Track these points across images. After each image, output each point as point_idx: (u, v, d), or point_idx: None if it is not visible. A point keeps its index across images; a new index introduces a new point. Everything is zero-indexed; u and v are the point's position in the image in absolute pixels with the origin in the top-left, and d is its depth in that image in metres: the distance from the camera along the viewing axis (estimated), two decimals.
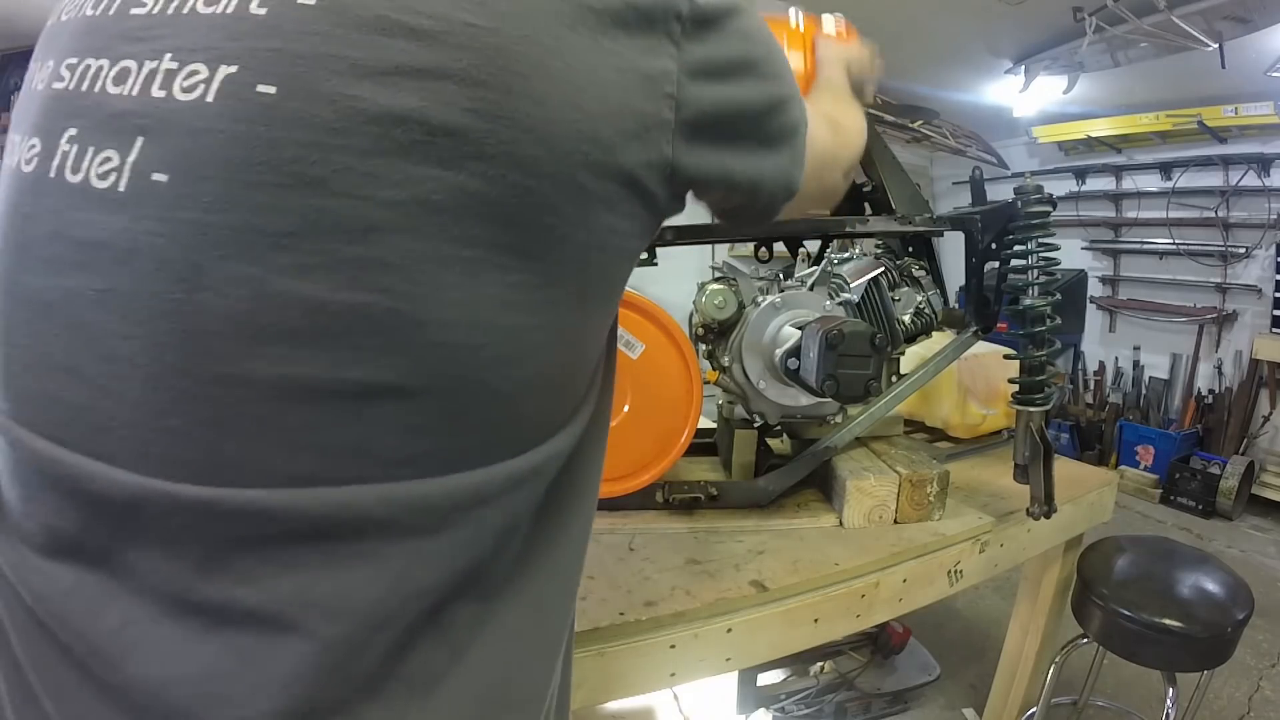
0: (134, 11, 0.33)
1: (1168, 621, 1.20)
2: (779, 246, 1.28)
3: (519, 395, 0.36)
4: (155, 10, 0.32)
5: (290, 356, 0.30)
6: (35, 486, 0.34)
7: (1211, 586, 1.27)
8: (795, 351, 0.94)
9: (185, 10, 0.32)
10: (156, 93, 0.30)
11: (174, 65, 0.31)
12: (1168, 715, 1.30)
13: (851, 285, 1.14)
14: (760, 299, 1.05)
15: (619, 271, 0.41)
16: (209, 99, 0.30)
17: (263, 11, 0.30)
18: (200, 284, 0.29)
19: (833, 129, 0.57)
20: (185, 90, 0.30)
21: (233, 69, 0.30)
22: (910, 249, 1.28)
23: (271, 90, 0.29)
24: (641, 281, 1.22)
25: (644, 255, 1.10)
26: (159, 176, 0.30)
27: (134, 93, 0.31)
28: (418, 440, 0.33)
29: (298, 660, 0.31)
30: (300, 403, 0.31)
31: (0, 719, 0.35)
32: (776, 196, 0.48)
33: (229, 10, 0.31)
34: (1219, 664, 1.25)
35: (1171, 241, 4.15)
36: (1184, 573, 1.31)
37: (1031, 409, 1.03)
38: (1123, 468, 4.11)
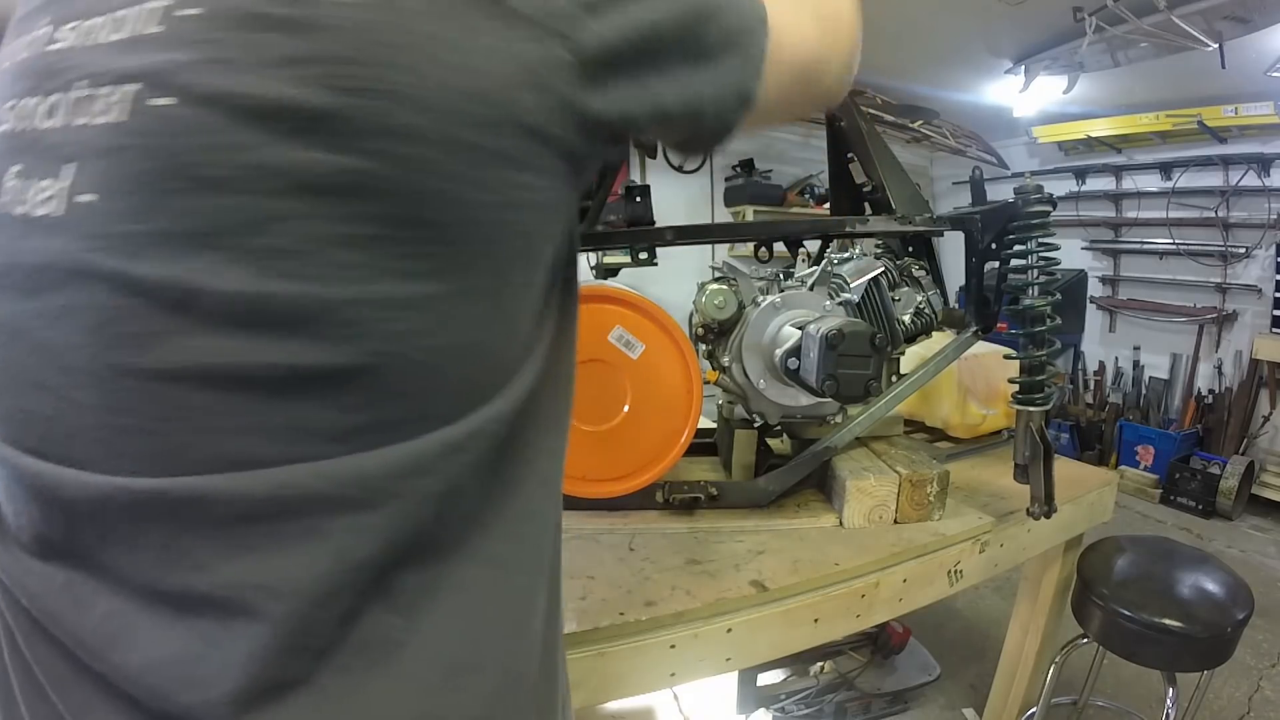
0: (52, 49, 0.36)
1: (1168, 621, 1.20)
2: (779, 246, 1.28)
3: (443, 364, 0.36)
4: (70, 45, 0.35)
5: (220, 348, 0.32)
6: (23, 500, 0.37)
7: (1211, 586, 1.27)
8: (795, 351, 0.94)
9: (93, 41, 0.34)
10: (78, 120, 0.33)
11: (88, 93, 0.33)
12: (1168, 715, 1.30)
13: (851, 285, 1.14)
14: (760, 299, 1.05)
15: (545, 226, 0.40)
16: (122, 119, 0.32)
17: (160, 29, 0.33)
18: (135, 290, 0.32)
19: (818, 20, 0.51)
20: (101, 113, 0.32)
21: (136, 87, 0.32)
22: (910, 249, 1.28)
23: (170, 101, 0.31)
24: (641, 281, 1.22)
25: (644, 255, 1.10)
26: (89, 197, 0.32)
27: (60, 124, 0.34)
28: (349, 417, 0.34)
29: (253, 641, 0.33)
30: (234, 391, 0.33)
31: (18, 715, 0.38)
32: (727, 116, 0.44)
33: (130, 34, 0.33)
34: (1219, 664, 1.25)
35: (1171, 241, 4.15)
36: (1184, 573, 1.31)
37: (1031, 409, 1.03)
38: (1123, 468, 4.11)
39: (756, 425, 1.10)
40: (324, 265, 0.32)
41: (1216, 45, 2.79)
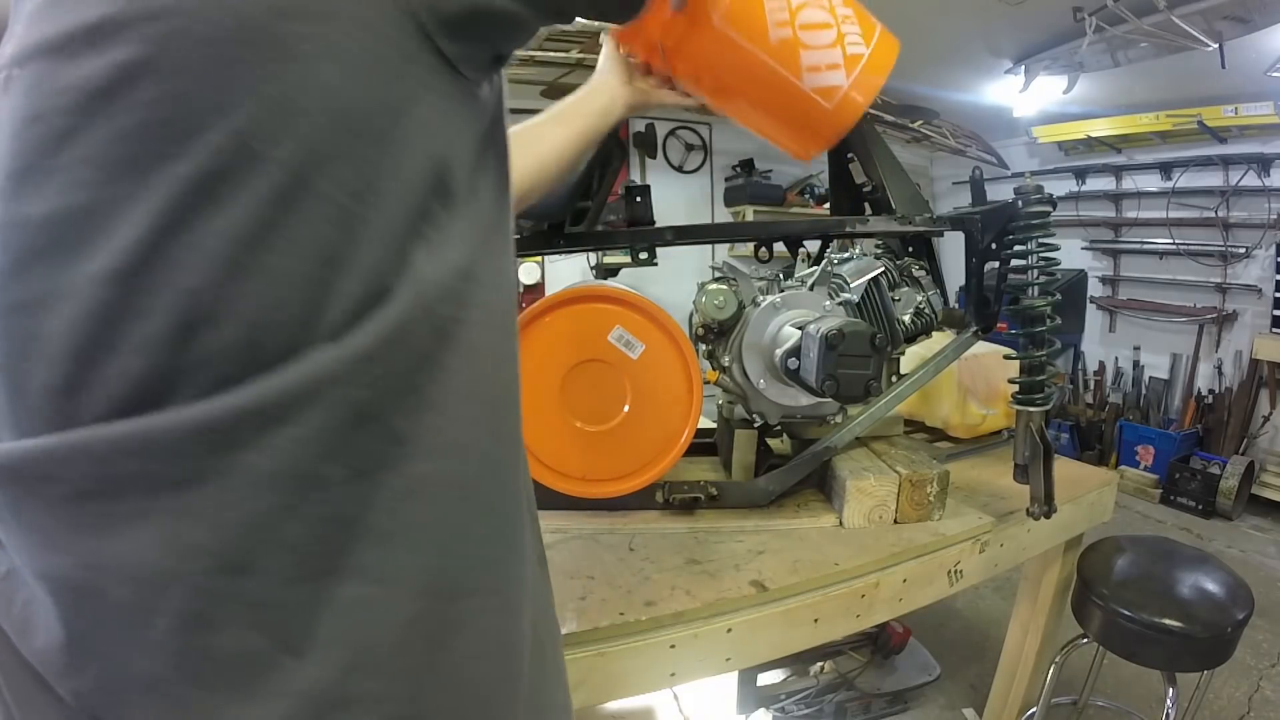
0: None
1: (1168, 621, 1.20)
2: (779, 246, 1.28)
3: (244, 293, 0.34)
4: None
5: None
6: None
7: (1211, 586, 1.27)
8: (795, 351, 0.94)
9: None
10: None
11: None
12: (1168, 715, 1.30)
13: (851, 285, 1.14)
14: (760, 299, 1.05)
15: (376, 121, 0.37)
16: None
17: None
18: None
19: None
20: None
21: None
22: (910, 249, 1.28)
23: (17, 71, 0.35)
24: (641, 281, 1.22)
25: (644, 255, 1.10)
26: None
27: None
28: (150, 374, 0.34)
29: (121, 624, 0.34)
30: (46, 314, 0.34)
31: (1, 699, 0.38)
32: None
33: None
34: (1219, 664, 1.25)
35: (1171, 241, 4.15)
36: (1184, 573, 1.31)
37: (1031, 409, 1.03)
38: (1123, 468, 4.11)
39: (756, 425, 1.10)
40: (107, 169, 0.33)
41: (1216, 45, 2.79)
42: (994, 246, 1.09)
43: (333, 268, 0.35)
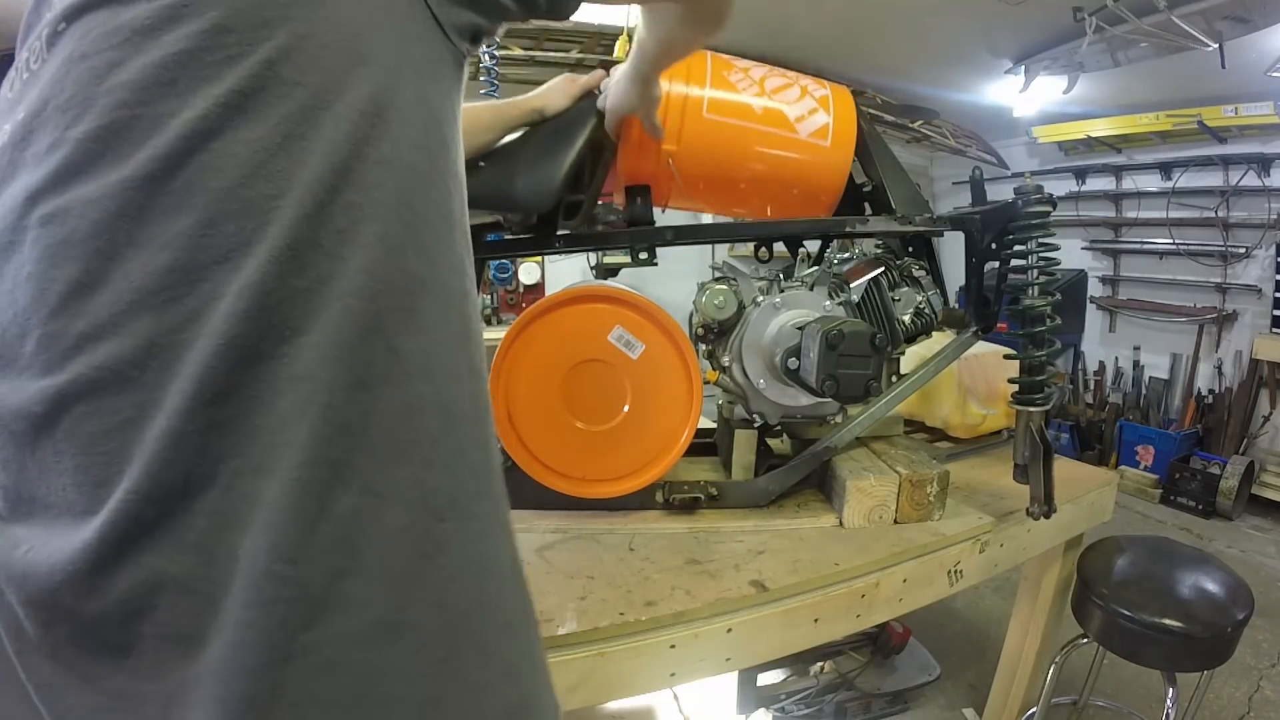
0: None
1: (1168, 621, 1.20)
2: (779, 246, 1.28)
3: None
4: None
5: None
6: None
7: (1211, 586, 1.27)
8: (795, 351, 0.94)
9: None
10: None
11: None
12: (1168, 715, 1.30)
13: (851, 285, 1.14)
14: (760, 299, 1.05)
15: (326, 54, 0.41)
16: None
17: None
18: None
19: None
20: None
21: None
22: (910, 249, 1.28)
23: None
24: (641, 281, 1.22)
25: (644, 255, 1.10)
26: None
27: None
28: None
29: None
30: None
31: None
32: None
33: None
34: (1219, 664, 1.24)
35: (1171, 241, 4.15)
36: (1184, 573, 1.31)
37: (1031, 409, 1.03)
38: (1123, 468, 4.11)
39: (756, 425, 1.10)
40: None
41: (1216, 45, 2.79)
42: (994, 246, 1.09)
43: (342, 178, 0.39)
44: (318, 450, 0.37)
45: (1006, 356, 1.09)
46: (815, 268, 1.13)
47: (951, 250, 1.17)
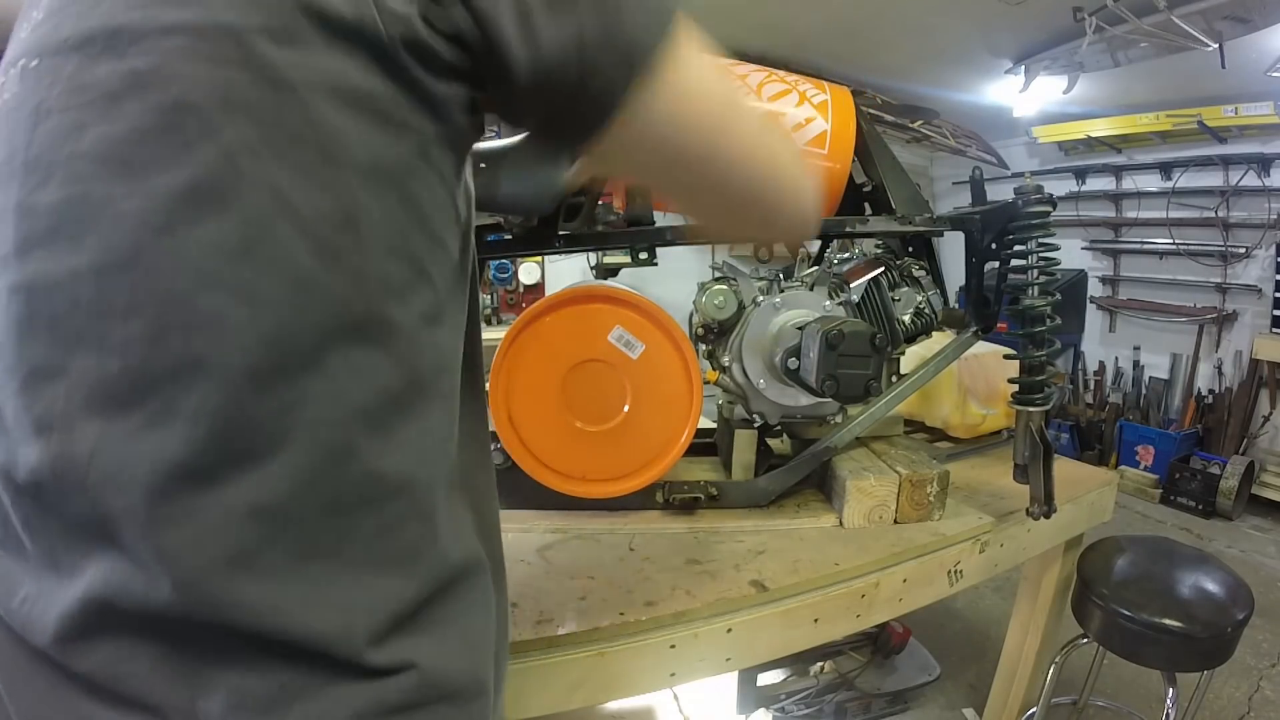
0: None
1: (1168, 621, 1.20)
2: (779, 247, 1.28)
3: None
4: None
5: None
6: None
7: (1211, 586, 1.27)
8: (795, 351, 0.94)
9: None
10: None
11: None
12: (1168, 715, 1.30)
13: (851, 285, 1.14)
14: (760, 299, 1.05)
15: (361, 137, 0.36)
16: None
17: None
18: None
19: (771, 120, 0.51)
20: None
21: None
22: (910, 249, 1.28)
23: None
24: (641, 281, 1.22)
25: (644, 255, 1.10)
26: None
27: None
28: None
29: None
30: None
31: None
32: (623, 68, 0.38)
33: None
34: (1219, 664, 1.24)
35: (1171, 241, 4.15)
36: (1184, 573, 1.31)
37: (1031, 409, 1.03)
38: (1123, 468, 4.11)
39: (756, 425, 1.10)
40: None
41: (1216, 45, 2.78)
42: (994, 246, 1.09)
43: (307, 293, 0.35)
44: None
45: (1006, 356, 1.09)
46: (815, 268, 1.13)
47: (951, 250, 1.17)
